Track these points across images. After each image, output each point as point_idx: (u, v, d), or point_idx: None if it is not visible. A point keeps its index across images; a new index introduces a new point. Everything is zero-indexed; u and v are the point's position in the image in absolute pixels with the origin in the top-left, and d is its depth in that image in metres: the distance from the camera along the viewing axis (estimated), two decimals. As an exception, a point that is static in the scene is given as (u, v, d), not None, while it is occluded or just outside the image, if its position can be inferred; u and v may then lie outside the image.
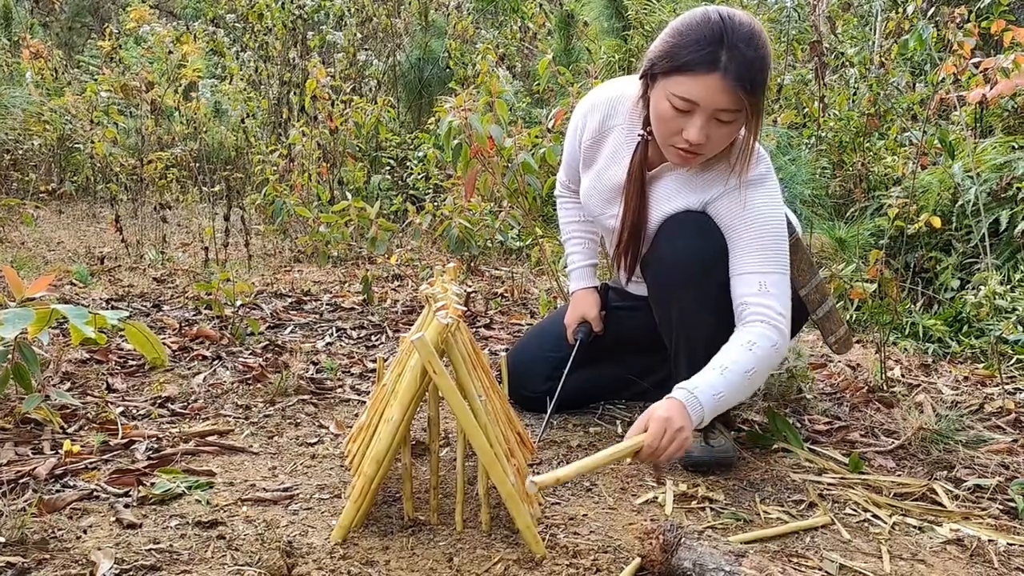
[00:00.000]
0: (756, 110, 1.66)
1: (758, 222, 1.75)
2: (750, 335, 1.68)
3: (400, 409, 1.45)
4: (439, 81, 6.48)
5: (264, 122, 6.12)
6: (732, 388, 1.63)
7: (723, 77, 1.60)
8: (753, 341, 1.67)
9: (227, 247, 4.22)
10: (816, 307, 2.02)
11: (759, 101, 1.65)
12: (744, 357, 1.65)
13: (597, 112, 1.97)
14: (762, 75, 1.63)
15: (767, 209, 1.76)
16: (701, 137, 1.65)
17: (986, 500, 1.78)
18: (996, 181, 3.51)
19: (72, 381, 2.27)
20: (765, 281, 1.72)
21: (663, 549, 1.33)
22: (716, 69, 1.60)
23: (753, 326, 1.69)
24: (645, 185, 1.88)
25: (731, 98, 1.61)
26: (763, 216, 1.75)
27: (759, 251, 1.74)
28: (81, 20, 11.01)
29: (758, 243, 1.74)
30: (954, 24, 3.15)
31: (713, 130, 1.66)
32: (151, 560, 1.34)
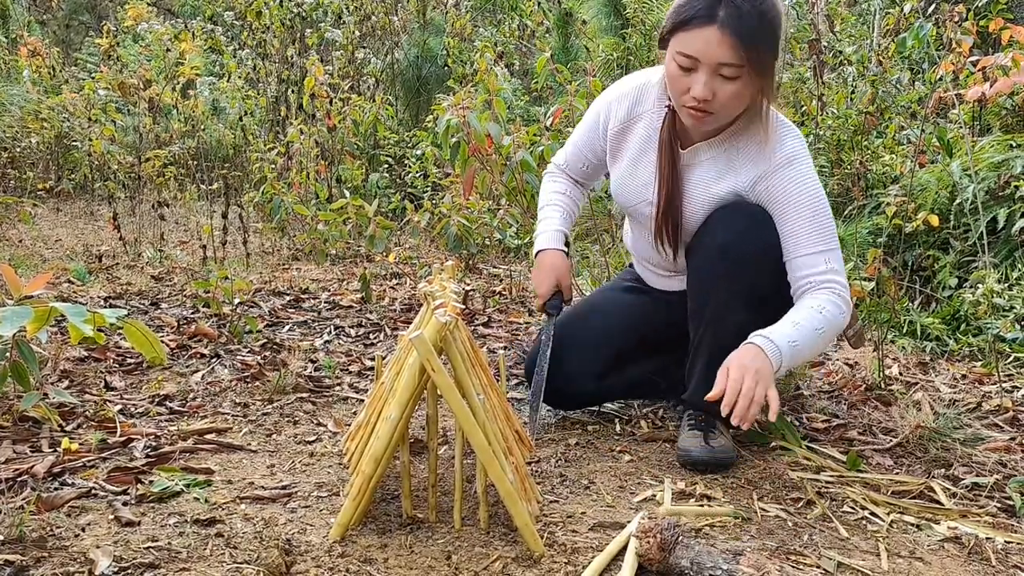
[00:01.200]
0: (760, 67, 1.65)
1: (811, 199, 1.76)
2: (818, 300, 1.72)
3: (398, 407, 1.45)
4: (437, 79, 6.48)
5: (262, 120, 6.12)
6: (806, 341, 1.67)
7: (720, 29, 1.61)
8: (822, 306, 1.71)
9: (225, 245, 4.22)
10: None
11: (763, 57, 1.64)
12: (814, 317, 1.69)
13: (625, 100, 1.97)
14: (764, 29, 1.63)
15: (814, 184, 1.77)
16: (706, 92, 1.66)
17: (984, 498, 1.79)
18: (994, 179, 3.51)
19: (70, 379, 2.27)
20: (829, 258, 1.75)
21: (661, 548, 1.33)
22: (713, 22, 1.61)
23: (820, 294, 1.73)
24: (676, 157, 1.88)
25: (730, 52, 1.62)
26: (813, 192, 1.76)
27: (817, 230, 1.75)
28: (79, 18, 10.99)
29: (814, 222, 1.75)
30: (952, 22, 3.16)
31: (718, 86, 1.66)
32: (149, 558, 1.34)
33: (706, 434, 1.87)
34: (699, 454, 1.84)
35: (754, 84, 1.69)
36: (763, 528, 1.58)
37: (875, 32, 5.29)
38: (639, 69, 2.05)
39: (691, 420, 1.93)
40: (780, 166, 1.77)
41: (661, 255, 2.03)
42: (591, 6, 6.26)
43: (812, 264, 1.75)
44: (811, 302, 1.72)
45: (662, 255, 2.03)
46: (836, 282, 1.74)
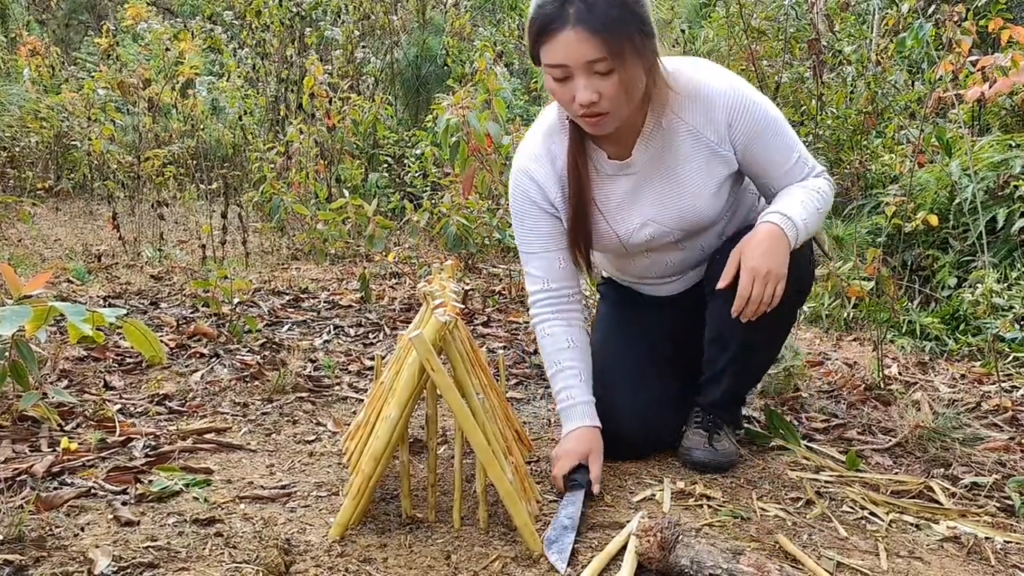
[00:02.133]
0: (633, 50, 1.54)
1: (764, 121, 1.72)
2: (812, 183, 1.75)
3: (398, 407, 1.45)
4: (437, 79, 6.48)
5: (261, 119, 6.12)
6: (812, 220, 1.70)
7: (574, 29, 1.51)
8: (819, 186, 1.74)
9: (224, 245, 4.22)
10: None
11: (632, 40, 1.53)
12: (814, 197, 1.71)
13: (541, 164, 1.80)
14: (620, 11, 1.51)
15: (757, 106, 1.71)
16: (589, 95, 1.56)
17: (983, 497, 1.79)
18: (993, 179, 3.51)
19: (70, 379, 2.27)
20: (802, 156, 1.76)
21: (661, 546, 1.33)
22: (566, 23, 1.51)
23: (815, 179, 1.76)
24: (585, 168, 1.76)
25: (593, 48, 1.51)
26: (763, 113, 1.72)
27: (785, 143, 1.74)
28: (78, 17, 10.99)
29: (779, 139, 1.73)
30: (952, 22, 3.16)
31: (600, 84, 1.56)
32: (149, 558, 1.34)
33: (711, 435, 1.85)
34: (702, 455, 1.83)
35: (635, 67, 1.57)
36: (762, 528, 1.58)
37: (874, 32, 5.29)
38: None
39: (697, 419, 1.90)
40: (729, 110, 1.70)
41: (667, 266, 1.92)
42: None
43: (795, 172, 1.75)
44: (807, 184, 1.74)
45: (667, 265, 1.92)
46: (815, 167, 1.78)
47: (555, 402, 1.84)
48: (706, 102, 1.70)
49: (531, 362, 2.70)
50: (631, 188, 1.79)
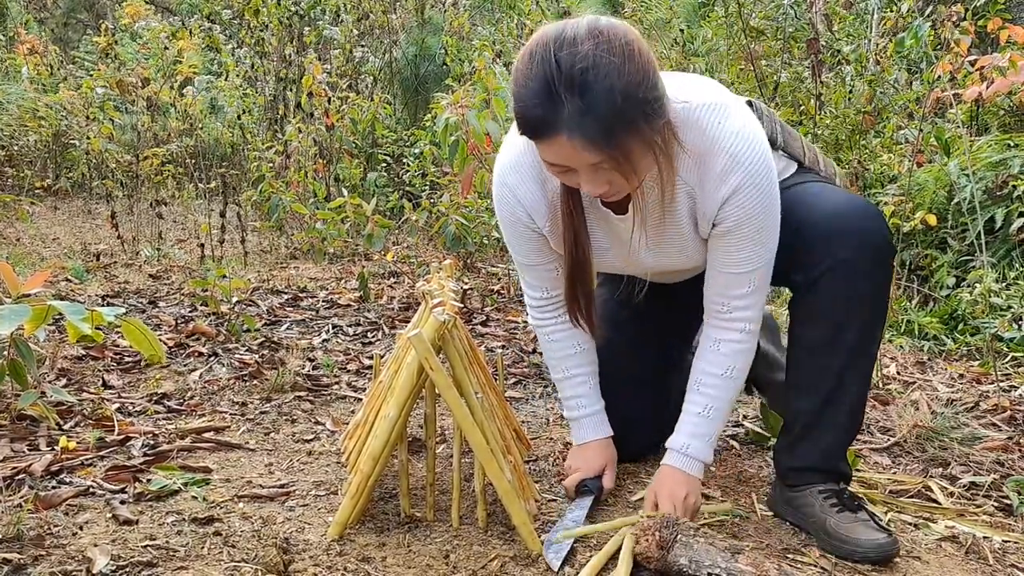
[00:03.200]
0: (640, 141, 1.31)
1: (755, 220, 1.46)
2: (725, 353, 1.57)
3: (397, 406, 1.45)
4: (435, 78, 6.48)
5: (260, 119, 6.11)
6: (720, 420, 1.61)
7: (570, 138, 1.27)
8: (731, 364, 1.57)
9: (223, 244, 4.22)
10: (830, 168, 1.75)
11: (634, 134, 1.29)
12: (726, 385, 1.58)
13: (524, 180, 1.57)
14: (619, 111, 1.26)
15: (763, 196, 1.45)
16: (599, 189, 1.37)
17: (981, 497, 1.79)
18: (992, 179, 3.52)
19: (68, 377, 2.26)
20: (753, 281, 1.52)
21: (660, 546, 1.34)
22: (560, 130, 1.28)
23: (726, 340, 1.57)
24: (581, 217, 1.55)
25: (593, 153, 1.29)
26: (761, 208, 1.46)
27: (756, 252, 1.49)
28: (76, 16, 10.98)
29: (755, 244, 1.48)
30: (950, 22, 3.16)
31: (610, 177, 1.35)
32: (147, 557, 1.34)
33: (874, 516, 1.53)
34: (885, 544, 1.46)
35: (645, 155, 1.34)
36: (761, 527, 1.58)
37: (873, 31, 5.29)
38: None
39: (831, 501, 1.55)
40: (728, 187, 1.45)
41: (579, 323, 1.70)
42: (589, 5, 6.26)
43: (734, 286, 1.53)
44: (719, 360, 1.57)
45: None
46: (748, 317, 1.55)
47: (563, 407, 1.79)
48: (705, 167, 1.45)
49: (530, 361, 2.71)
50: (627, 229, 1.56)
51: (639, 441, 1.87)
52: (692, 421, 1.60)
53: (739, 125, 1.44)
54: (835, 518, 1.51)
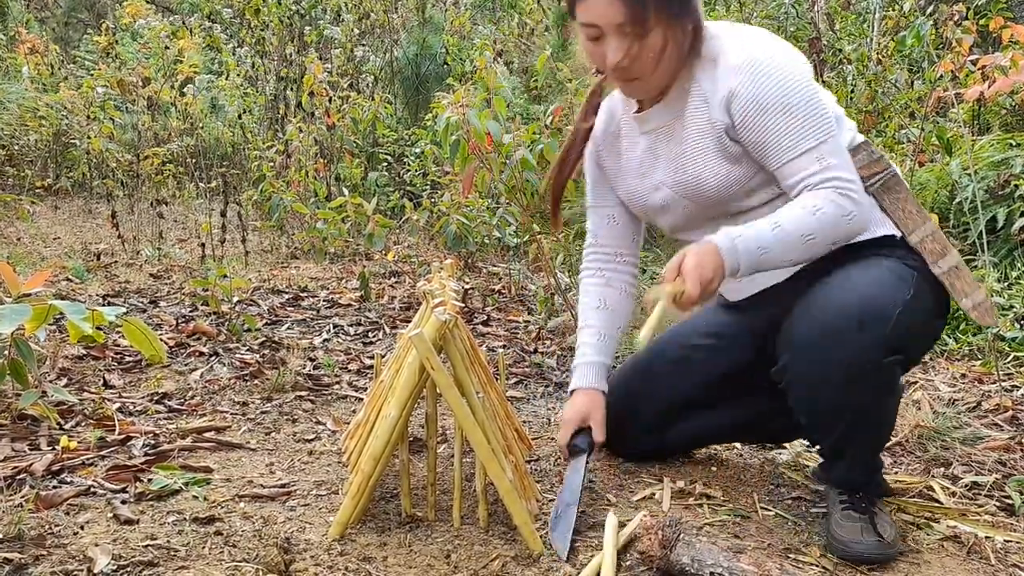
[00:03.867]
0: (667, 13, 1.46)
1: (778, 94, 1.47)
2: (816, 200, 1.43)
3: (398, 405, 1.45)
4: (436, 77, 6.47)
5: (261, 118, 6.11)
6: (782, 248, 1.43)
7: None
8: (819, 207, 1.43)
9: (224, 243, 4.22)
10: (937, 258, 1.56)
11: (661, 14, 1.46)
12: (805, 219, 1.43)
13: (600, 117, 1.76)
14: None
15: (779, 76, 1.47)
16: (618, 57, 1.49)
17: (983, 497, 1.79)
18: (993, 178, 3.51)
19: (69, 377, 2.26)
20: (821, 154, 1.46)
21: (662, 545, 1.33)
22: None
23: (819, 191, 1.44)
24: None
25: (621, 11, 1.45)
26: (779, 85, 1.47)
27: (797, 127, 1.46)
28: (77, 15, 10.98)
29: (790, 118, 1.46)
30: (952, 21, 3.15)
31: (631, 46, 1.48)
32: (148, 556, 1.34)
33: (872, 521, 1.50)
34: (864, 549, 1.46)
35: (669, 33, 1.49)
36: (763, 527, 1.58)
37: (874, 31, 5.28)
38: None
39: (843, 499, 1.56)
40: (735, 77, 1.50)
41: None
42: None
43: (802, 168, 1.47)
44: (808, 201, 1.44)
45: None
46: (836, 178, 1.45)
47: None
48: (718, 67, 1.53)
49: (531, 361, 2.70)
50: (648, 148, 1.68)
51: (640, 439, 1.86)
52: (755, 226, 1.45)
53: (756, 34, 1.54)
54: (838, 515, 1.52)
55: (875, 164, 1.59)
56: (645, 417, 1.83)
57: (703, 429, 1.87)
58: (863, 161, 1.58)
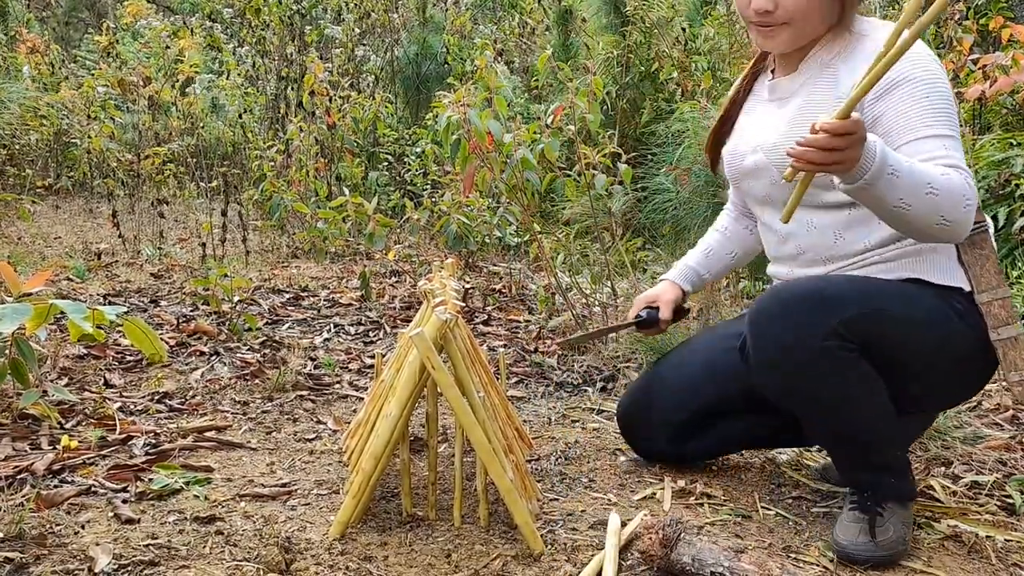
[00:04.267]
0: None
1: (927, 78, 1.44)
2: (948, 169, 1.38)
3: (398, 405, 1.45)
4: (437, 77, 6.47)
5: (261, 117, 6.11)
6: (908, 183, 1.32)
7: None
8: (949, 174, 1.37)
9: (224, 243, 4.22)
10: (1000, 324, 1.50)
11: None
12: (936, 174, 1.35)
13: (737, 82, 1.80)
14: None
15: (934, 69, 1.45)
16: (763, 3, 1.48)
17: (984, 496, 1.79)
18: (994, 178, 3.51)
19: (69, 377, 2.26)
20: (948, 145, 1.41)
21: (663, 544, 1.33)
22: None
23: (955, 171, 1.38)
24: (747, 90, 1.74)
25: None
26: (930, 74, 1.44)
27: (933, 113, 1.42)
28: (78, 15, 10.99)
29: (930, 102, 1.42)
30: (953, 21, 3.15)
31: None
32: (149, 556, 1.34)
33: (872, 522, 1.48)
34: (857, 551, 1.45)
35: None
36: (764, 526, 1.58)
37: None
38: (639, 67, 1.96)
39: (853, 499, 1.54)
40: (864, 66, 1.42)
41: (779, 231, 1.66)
42: (591, 3, 6.25)
43: (931, 148, 1.41)
44: (938, 166, 1.38)
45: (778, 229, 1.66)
46: (964, 169, 1.40)
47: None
48: (863, 49, 1.51)
49: (531, 360, 2.70)
50: (764, 112, 1.68)
51: (661, 446, 1.83)
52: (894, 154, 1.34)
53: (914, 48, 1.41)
54: (844, 514, 1.52)
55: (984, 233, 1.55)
56: (666, 414, 1.79)
57: (723, 441, 1.83)
58: None
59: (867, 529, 1.47)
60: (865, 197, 1.33)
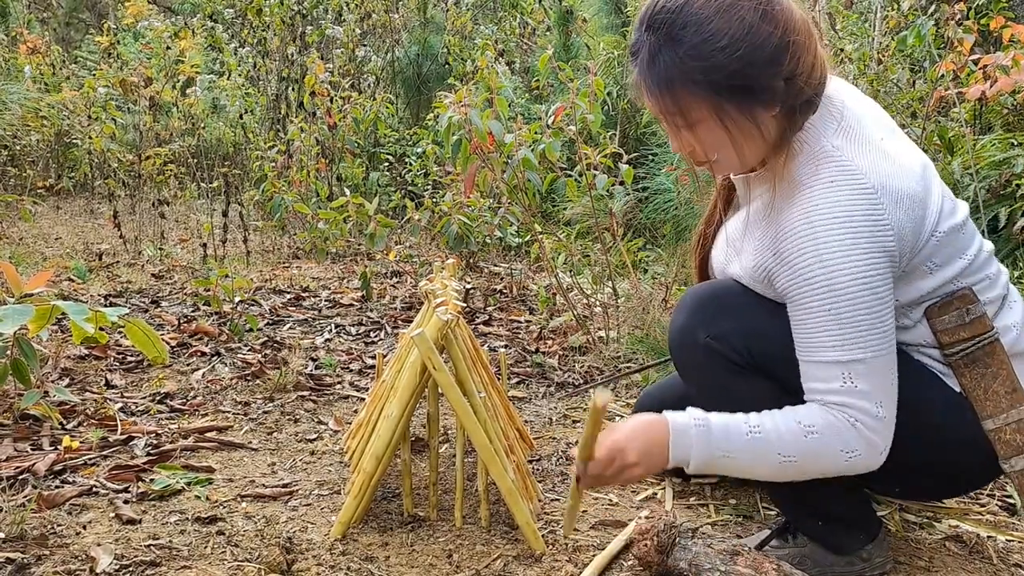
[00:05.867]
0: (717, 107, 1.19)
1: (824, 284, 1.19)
2: (819, 420, 1.21)
3: (399, 405, 1.45)
4: (437, 77, 6.48)
5: (262, 118, 6.12)
6: (750, 458, 1.23)
7: (640, 77, 1.23)
8: (816, 429, 1.20)
9: (225, 243, 4.22)
10: (1013, 454, 1.30)
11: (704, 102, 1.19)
12: (793, 437, 1.21)
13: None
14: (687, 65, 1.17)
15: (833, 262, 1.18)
16: (677, 146, 1.30)
17: (985, 497, 1.79)
18: (995, 178, 3.51)
19: (71, 377, 2.27)
20: (849, 373, 1.19)
21: (658, 550, 1.33)
22: (634, 69, 1.24)
23: (830, 412, 1.21)
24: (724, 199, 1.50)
25: (657, 102, 1.23)
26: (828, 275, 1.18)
27: (834, 326, 1.19)
28: (79, 15, 10.99)
29: (829, 316, 1.19)
30: (953, 21, 3.15)
31: (693, 138, 1.25)
32: (151, 556, 1.34)
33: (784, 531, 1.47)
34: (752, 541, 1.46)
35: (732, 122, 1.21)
36: (764, 526, 1.58)
37: (876, 30, 5.28)
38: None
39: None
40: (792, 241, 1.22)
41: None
42: (592, 4, 6.25)
43: (822, 377, 1.22)
44: (809, 415, 1.22)
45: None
46: (856, 408, 1.19)
47: None
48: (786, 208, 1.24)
49: (532, 361, 2.70)
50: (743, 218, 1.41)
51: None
52: (732, 419, 1.25)
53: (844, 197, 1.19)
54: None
55: (963, 329, 1.29)
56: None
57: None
58: (948, 324, 1.29)
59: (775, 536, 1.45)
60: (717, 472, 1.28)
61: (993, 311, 1.32)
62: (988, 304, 1.31)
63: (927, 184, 1.25)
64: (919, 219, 1.22)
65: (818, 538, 1.42)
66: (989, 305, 1.31)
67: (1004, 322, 1.32)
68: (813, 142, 1.25)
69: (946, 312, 1.29)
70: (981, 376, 1.30)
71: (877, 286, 1.18)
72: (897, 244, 1.19)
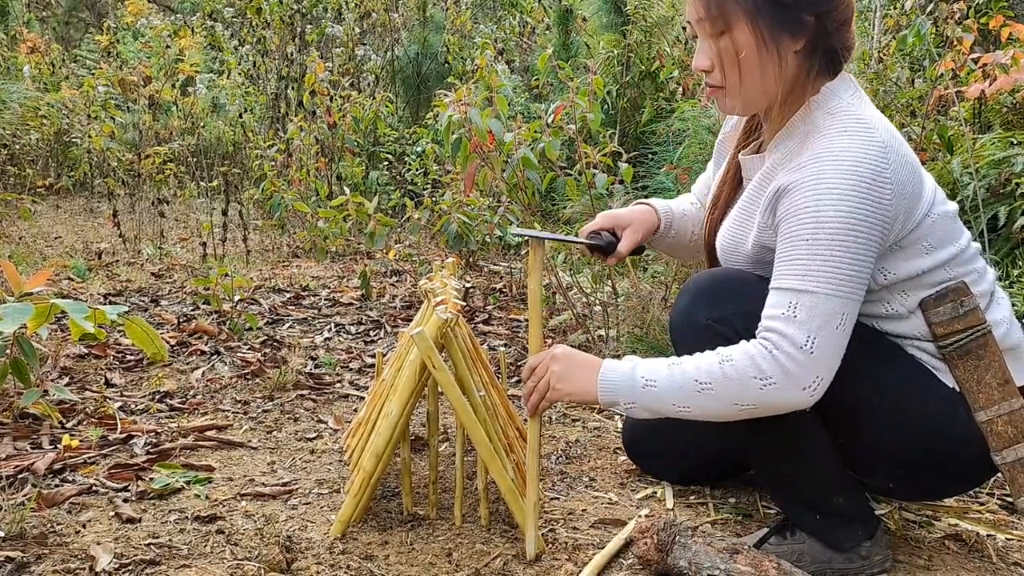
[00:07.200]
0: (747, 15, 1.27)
1: (812, 220, 1.23)
2: (737, 348, 1.27)
3: (399, 404, 1.45)
4: (437, 76, 6.47)
5: (262, 117, 6.11)
6: (670, 388, 1.28)
7: None
8: (731, 357, 1.26)
9: (225, 242, 4.22)
10: (1004, 445, 1.32)
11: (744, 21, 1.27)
12: (709, 364, 1.27)
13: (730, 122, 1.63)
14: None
15: (826, 203, 1.22)
16: (700, 62, 1.34)
17: (984, 495, 1.79)
18: (994, 177, 3.51)
19: (70, 376, 2.27)
20: (798, 301, 1.23)
21: (658, 548, 1.33)
22: None
23: (752, 344, 1.26)
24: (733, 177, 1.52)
25: (696, 4, 1.31)
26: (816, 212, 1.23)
27: (800, 258, 1.24)
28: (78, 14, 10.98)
29: (800, 247, 1.24)
30: (953, 20, 3.15)
31: (715, 53, 1.31)
32: (150, 555, 1.34)
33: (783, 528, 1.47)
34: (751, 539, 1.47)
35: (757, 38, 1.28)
36: (764, 525, 1.58)
37: (875, 29, 5.28)
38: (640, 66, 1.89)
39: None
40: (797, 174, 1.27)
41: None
42: (591, 3, 6.25)
43: (773, 303, 1.26)
44: (730, 348, 1.28)
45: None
46: (780, 334, 1.23)
47: None
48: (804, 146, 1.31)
49: (532, 360, 2.70)
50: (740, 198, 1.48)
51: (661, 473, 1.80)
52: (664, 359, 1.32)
53: (855, 144, 1.24)
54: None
55: (957, 322, 1.31)
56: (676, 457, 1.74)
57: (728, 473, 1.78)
58: (943, 316, 1.32)
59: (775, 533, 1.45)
60: (638, 412, 1.32)
61: (983, 305, 1.35)
62: (979, 298, 1.34)
63: (922, 170, 1.34)
64: (917, 188, 1.29)
65: (816, 534, 1.42)
66: (979, 299, 1.34)
67: (994, 317, 1.36)
68: (832, 98, 1.33)
69: (941, 304, 1.32)
70: (974, 368, 1.33)
71: (861, 233, 1.23)
72: (894, 202, 1.25)
